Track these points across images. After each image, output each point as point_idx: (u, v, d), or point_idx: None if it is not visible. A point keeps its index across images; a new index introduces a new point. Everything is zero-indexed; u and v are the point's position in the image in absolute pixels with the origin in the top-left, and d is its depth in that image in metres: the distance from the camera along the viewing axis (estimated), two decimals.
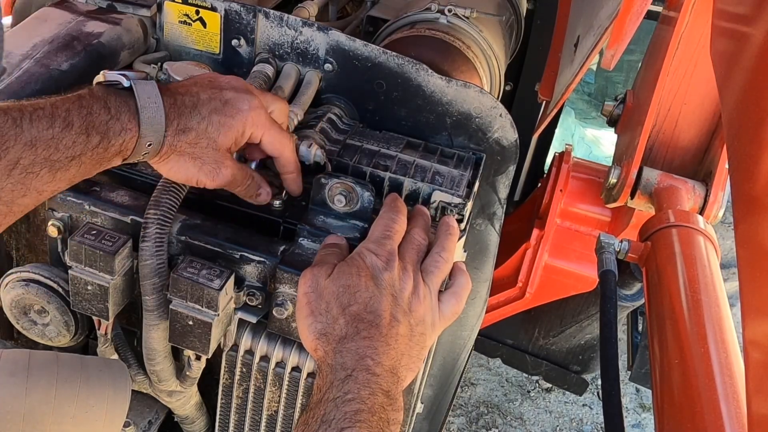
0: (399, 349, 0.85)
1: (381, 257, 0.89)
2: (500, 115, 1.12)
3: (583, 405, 2.98)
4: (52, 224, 1.01)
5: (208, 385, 1.17)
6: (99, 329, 1.06)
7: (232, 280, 0.95)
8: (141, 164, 1.06)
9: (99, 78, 0.88)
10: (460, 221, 1.02)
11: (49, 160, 0.78)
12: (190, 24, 1.18)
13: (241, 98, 0.94)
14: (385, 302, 0.86)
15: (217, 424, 1.15)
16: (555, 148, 2.48)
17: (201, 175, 0.93)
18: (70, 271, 0.97)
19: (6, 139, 0.75)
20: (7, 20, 1.46)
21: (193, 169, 0.92)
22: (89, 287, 0.97)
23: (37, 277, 1.03)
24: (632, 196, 1.43)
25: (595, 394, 3.00)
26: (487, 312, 1.41)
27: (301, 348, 1.02)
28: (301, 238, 0.99)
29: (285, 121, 1.03)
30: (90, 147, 0.81)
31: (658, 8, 1.54)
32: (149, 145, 0.87)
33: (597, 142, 4.04)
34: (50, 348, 1.10)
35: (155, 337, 1.00)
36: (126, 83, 0.86)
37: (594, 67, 4.10)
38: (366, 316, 0.85)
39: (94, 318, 1.03)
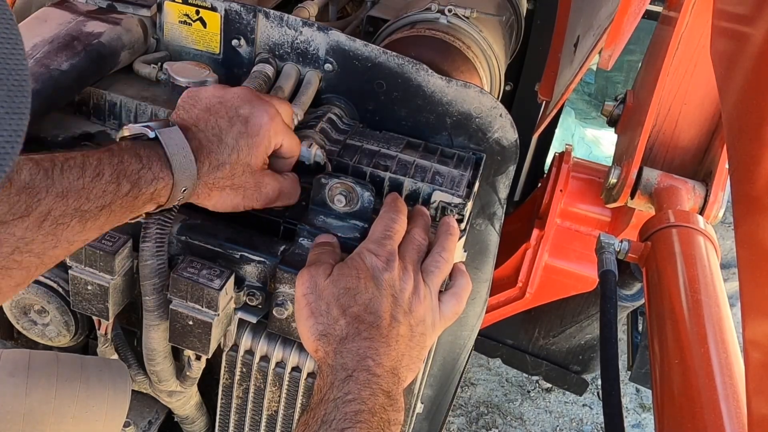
0: (399, 349, 0.86)
1: (381, 257, 0.89)
2: (500, 115, 1.12)
3: (583, 405, 2.98)
4: None
5: (208, 385, 1.17)
6: (99, 329, 1.06)
7: (232, 280, 0.95)
8: None
9: (123, 132, 0.88)
10: (460, 221, 1.02)
11: (79, 210, 0.78)
12: (190, 24, 1.18)
13: (258, 111, 0.94)
14: (386, 303, 0.86)
15: (217, 424, 1.15)
16: (555, 148, 2.48)
17: (246, 202, 0.94)
18: (70, 271, 0.97)
19: (38, 191, 0.74)
20: None
21: (237, 199, 0.94)
22: (89, 287, 0.97)
23: (37, 277, 1.03)
24: (632, 196, 1.43)
25: (595, 394, 3.00)
26: (487, 312, 1.41)
27: (301, 348, 1.02)
28: (301, 238, 0.99)
29: (290, 122, 1.04)
30: (120, 195, 0.81)
31: (658, 8, 1.54)
32: (184, 190, 0.87)
33: (597, 142, 4.04)
34: (50, 348, 1.10)
35: (155, 337, 1.00)
36: (151, 134, 0.86)
37: (594, 67, 4.09)
38: (366, 317, 0.85)
39: (94, 318, 1.03)
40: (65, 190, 0.77)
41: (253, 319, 1.00)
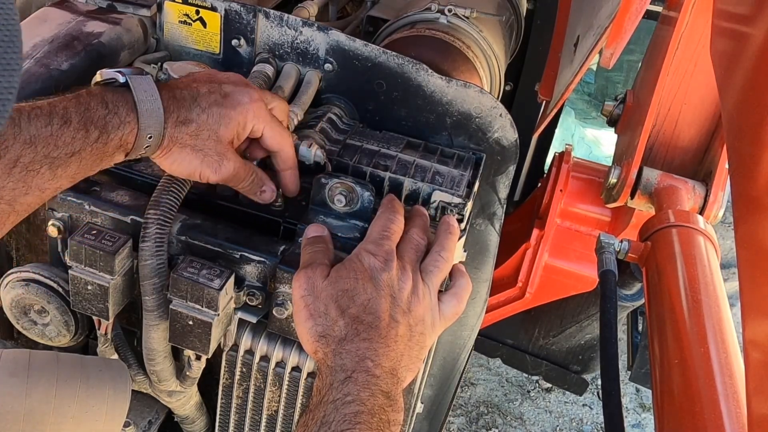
0: (398, 349, 0.85)
1: (379, 257, 0.89)
2: (500, 115, 1.12)
3: (583, 405, 2.98)
4: (52, 224, 1.01)
5: (208, 385, 1.17)
6: (99, 329, 1.06)
7: (232, 280, 0.95)
8: (141, 164, 1.06)
9: (96, 78, 0.89)
10: (460, 221, 1.02)
11: (48, 157, 0.79)
12: (190, 24, 1.18)
13: (241, 91, 0.94)
14: (384, 303, 0.86)
15: (217, 424, 1.15)
16: (555, 148, 2.48)
17: (204, 168, 0.93)
18: (70, 271, 0.97)
19: (5, 138, 0.76)
20: None
21: (195, 161, 0.92)
22: (89, 287, 0.97)
23: (37, 277, 1.03)
24: (632, 196, 1.43)
25: (595, 394, 3.00)
26: (487, 312, 1.41)
27: (301, 348, 1.02)
28: (301, 238, 0.99)
29: (285, 119, 1.03)
30: (89, 142, 0.82)
31: (658, 8, 1.54)
32: (150, 137, 0.87)
33: (597, 142, 4.04)
34: (50, 348, 1.10)
35: (155, 337, 1.00)
36: (122, 79, 0.87)
37: (594, 67, 4.09)
38: (365, 317, 0.85)
39: (94, 318, 1.03)
40: (33, 137, 0.77)
41: (253, 319, 0.99)
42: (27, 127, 0.77)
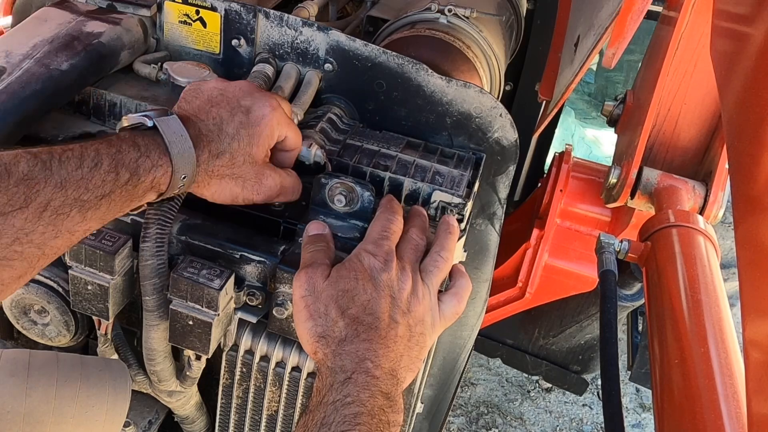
0: (398, 350, 0.85)
1: (379, 257, 0.89)
2: (500, 115, 1.12)
3: (583, 405, 2.98)
4: None
5: (208, 385, 1.17)
6: (99, 329, 1.06)
7: (232, 280, 0.95)
8: None
9: (122, 123, 0.88)
10: (460, 221, 1.02)
11: (79, 200, 0.78)
12: (190, 24, 1.18)
13: (260, 102, 0.94)
14: (384, 304, 0.86)
15: (217, 424, 1.15)
16: (555, 148, 2.48)
17: (246, 193, 0.94)
18: (70, 271, 0.97)
19: (36, 182, 0.75)
20: (7, 20, 1.46)
21: (236, 189, 0.93)
22: (89, 287, 0.97)
23: (37, 276, 1.03)
24: (632, 196, 1.43)
25: (595, 394, 3.00)
26: (487, 312, 1.41)
27: (301, 348, 1.02)
28: (301, 238, 0.99)
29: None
30: (119, 185, 0.81)
31: (658, 8, 1.54)
32: (184, 177, 0.87)
33: (597, 142, 4.04)
34: (50, 348, 1.10)
35: (155, 337, 1.00)
36: (149, 123, 0.86)
37: (594, 67, 4.10)
38: (365, 318, 0.85)
39: (94, 318, 1.03)
40: (64, 180, 0.77)
41: (253, 319, 1.00)
42: (58, 170, 0.77)
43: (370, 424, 0.78)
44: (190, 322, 0.95)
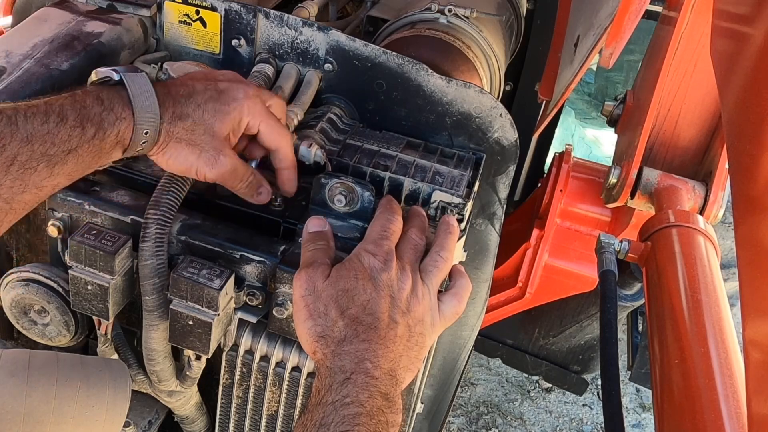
0: (397, 350, 0.85)
1: (378, 257, 0.89)
2: (500, 115, 1.12)
3: (583, 405, 2.98)
4: (52, 224, 1.01)
5: (208, 385, 1.17)
6: (99, 329, 1.06)
7: (232, 280, 0.95)
8: (141, 164, 1.06)
9: (91, 77, 0.89)
10: (460, 221, 1.02)
11: (46, 155, 0.79)
12: (190, 24, 1.18)
13: (236, 87, 0.95)
14: (384, 304, 0.86)
15: (217, 424, 1.15)
16: (555, 148, 2.48)
17: (200, 163, 0.93)
18: (70, 271, 0.97)
19: (2, 136, 0.76)
20: (7, 20, 1.46)
21: (191, 156, 0.92)
22: (89, 287, 0.97)
23: (37, 276, 1.03)
24: (632, 196, 1.43)
25: (595, 394, 3.00)
26: (487, 312, 1.41)
27: (301, 348, 1.02)
28: (301, 238, 0.99)
29: (283, 118, 1.03)
30: (86, 139, 0.82)
31: (658, 8, 1.54)
32: (146, 133, 0.87)
33: (597, 142, 4.04)
34: (50, 348, 1.10)
35: (155, 337, 1.00)
36: (116, 77, 0.88)
37: (594, 67, 4.10)
38: (365, 318, 0.85)
39: (94, 318, 1.03)
40: (30, 135, 0.78)
41: (253, 319, 0.99)
42: (24, 125, 0.78)
43: (369, 424, 0.78)
44: (190, 322, 0.95)
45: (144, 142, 0.88)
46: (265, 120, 0.96)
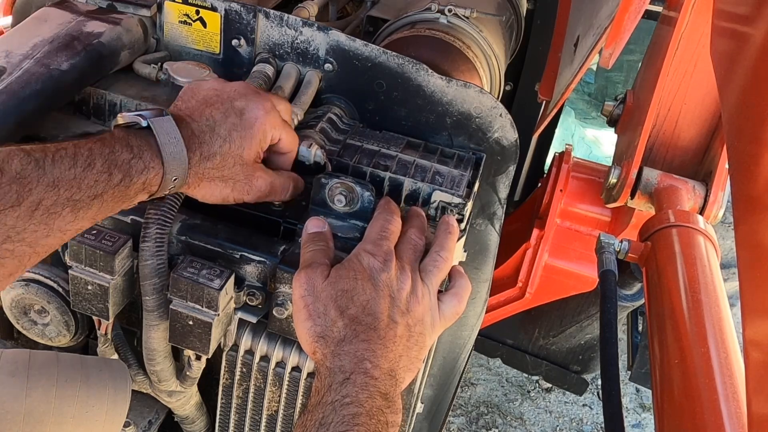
0: (397, 350, 0.85)
1: (378, 257, 0.89)
2: (500, 115, 1.12)
3: (583, 405, 2.98)
4: None
5: (208, 385, 1.17)
6: (99, 329, 1.06)
7: (232, 280, 0.95)
8: None
9: (117, 120, 0.89)
10: (460, 221, 1.02)
11: (71, 200, 0.79)
12: (190, 24, 1.18)
13: (254, 104, 0.94)
14: (383, 304, 0.86)
15: (217, 424, 1.15)
16: (555, 148, 2.48)
17: (236, 194, 0.94)
18: (70, 271, 0.97)
19: (29, 180, 0.75)
20: (7, 20, 1.46)
21: (225, 190, 0.93)
22: (89, 287, 0.97)
23: (37, 276, 1.03)
24: (632, 196, 1.43)
25: (595, 394, 3.00)
26: (487, 312, 1.41)
27: (301, 348, 1.02)
28: (300, 238, 0.99)
29: (289, 120, 1.04)
30: (112, 185, 0.82)
31: (658, 8, 1.54)
32: (175, 179, 0.88)
33: (597, 142, 4.04)
34: (50, 348, 1.10)
35: (155, 337, 1.00)
36: (144, 123, 0.86)
37: (594, 67, 4.10)
38: (364, 318, 0.85)
39: (94, 318, 1.03)
40: (56, 180, 0.77)
41: (253, 319, 1.00)
42: (51, 170, 0.77)
43: (369, 424, 0.78)
44: (190, 322, 0.95)
45: (172, 187, 0.89)
46: (284, 129, 0.98)
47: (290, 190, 1.01)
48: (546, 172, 1.98)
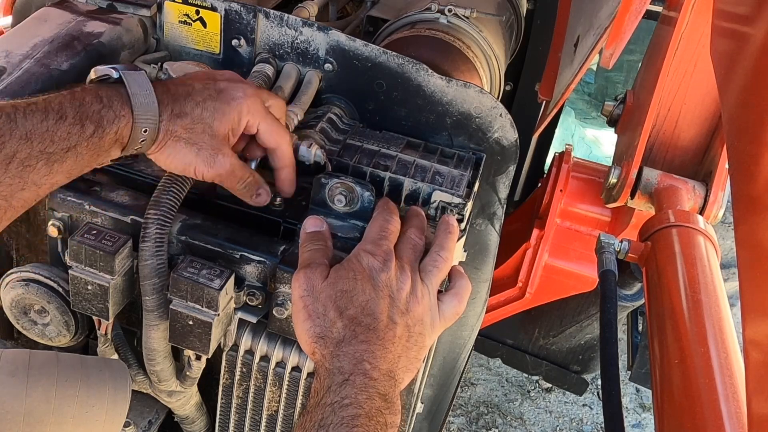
0: (396, 351, 0.85)
1: (378, 257, 0.89)
2: (500, 115, 1.12)
3: (583, 405, 2.98)
4: (52, 224, 1.02)
5: (208, 385, 1.17)
6: (99, 329, 1.06)
7: (232, 280, 0.95)
8: (141, 164, 1.06)
9: (90, 75, 0.90)
10: (460, 221, 1.02)
11: (45, 153, 0.80)
12: (190, 24, 1.18)
13: (236, 87, 0.95)
14: (383, 304, 0.86)
15: (217, 424, 1.15)
16: (555, 148, 2.48)
17: (198, 162, 0.93)
18: (70, 271, 0.97)
19: (1, 134, 0.77)
20: (7, 20, 1.46)
21: (189, 155, 0.92)
22: (89, 287, 0.97)
23: (37, 276, 1.03)
24: (632, 196, 1.43)
25: (595, 394, 3.00)
26: (487, 312, 1.41)
27: (301, 348, 1.02)
28: (299, 237, 0.99)
29: (282, 118, 1.03)
30: (85, 137, 0.82)
31: (658, 8, 1.54)
32: (145, 131, 0.88)
33: (597, 142, 4.04)
34: (50, 348, 1.10)
35: (155, 337, 1.00)
36: (115, 75, 0.88)
37: (594, 67, 4.09)
38: (363, 319, 0.85)
39: (94, 318, 1.03)
40: (29, 132, 0.78)
41: (253, 319, 0.99)
42: (23, 123, 0.78)
43: (368, 425, 0.78)
44: (190, 322, 0.95)
45: (143, 140, 0.88)
46: (265, 119, 0.96)
47: (245, 182, 0.97)
48: (546, 172, 1.98)
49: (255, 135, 0.98)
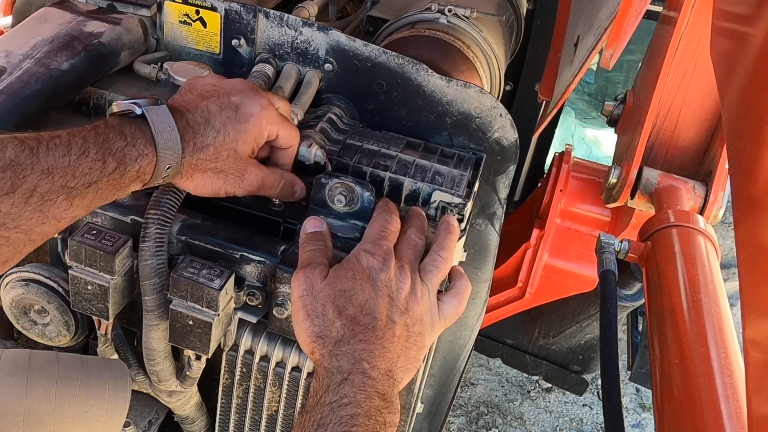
0: (395, 351, 0.85)
1: (377, 257, 0.89)
2: (500, 115, 1.12)
3: (583, 405, 2.98)
4: None
5: (208, 385, 1.17)
6: (99, 329, 1.06)
7: (232, 280, 0.95)
8: None
9: (112, 109, 0.89)
10: (460, 221, 1.02)
11: (66, 187, 0.79)
12: (190, 24, 1.18)
13: (251, 100, 0.95)
14: (382, 304, 0.86)
15: (217, 424, 1.15)
16: (555, 148, 2.48)
17: (228, 186, 0.94)
18: (70, 271, 0.97)
19: (23, 168, 0.76)
20: (7, 20, 1.46)
21: (217, 182, 0.93)
22: (89, 287, 0.97)
23: (37, 276, 1.03)
24: (632, 196, 1.43)
25: (595, 394, 3.00)
26: (487, 312, 1.41)
27: (300, 348, 1.02)
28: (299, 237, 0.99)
29: (288, 117, 1.04)
30: (106, 173, 0.82)
31: (658, 8, 1.54)
32: (168, 168, 0.88)
33: (597, 142, 4.04)
34: (50, 348, 1.10)
35: (155, 337, 1.00)
36: (138, 111, 0.87)
37: (594, 67, 4.09)
38: (362, 318, 0.85)
39: (94, 318, 1.03)
40: (51, 167, 0.78)
41: (253, 319, 1.00)
42: (45, 157, 0.78)
43: (367, 425, 0.78)
44: (190, 322, 0.95)
45: (166, 176, 0.89)
46: (282, 125, 0.98)
47: (279, 187, 1.00)
48: (546, 172, 1.98)
49: (273, 139, 0.99)
